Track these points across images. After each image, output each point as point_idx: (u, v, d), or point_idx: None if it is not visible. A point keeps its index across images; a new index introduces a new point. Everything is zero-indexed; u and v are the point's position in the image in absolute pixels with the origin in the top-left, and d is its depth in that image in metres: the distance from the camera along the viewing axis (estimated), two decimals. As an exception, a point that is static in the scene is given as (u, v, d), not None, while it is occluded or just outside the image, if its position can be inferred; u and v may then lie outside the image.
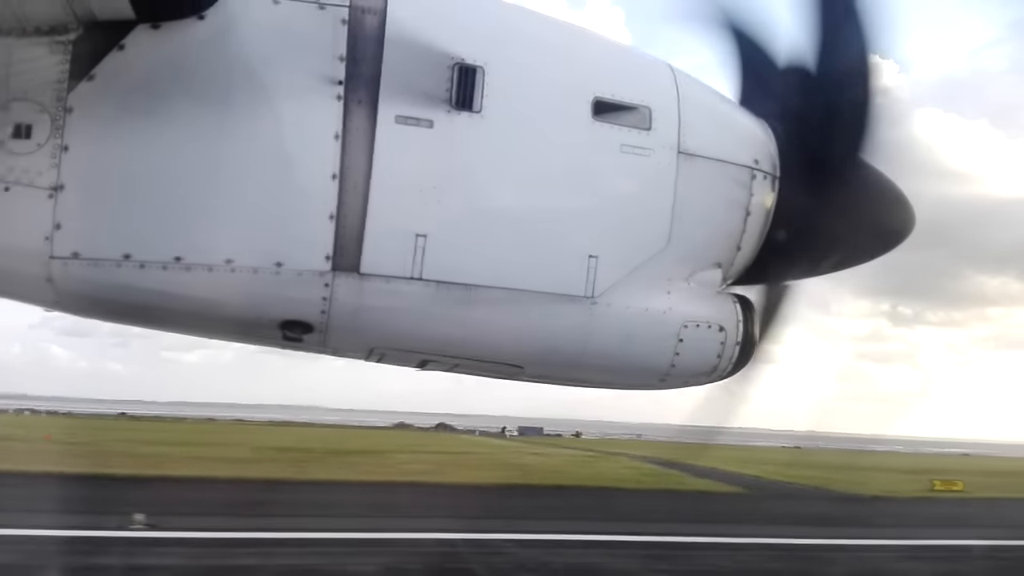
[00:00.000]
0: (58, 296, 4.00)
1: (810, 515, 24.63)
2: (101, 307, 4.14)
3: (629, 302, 4.37)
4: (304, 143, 3.94)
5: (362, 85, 3.98)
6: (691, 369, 4.63)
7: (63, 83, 3.80)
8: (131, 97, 3.85)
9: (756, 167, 4.58)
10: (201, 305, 4.02)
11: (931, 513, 27.77)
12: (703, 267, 4.58)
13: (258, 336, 4.38)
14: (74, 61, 3.80)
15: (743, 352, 4.66)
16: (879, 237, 5.15)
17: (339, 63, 3.97)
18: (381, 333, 4.30)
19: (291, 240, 3.95)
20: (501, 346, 4.41)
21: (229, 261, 3.92)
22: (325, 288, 4.01)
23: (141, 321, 4.41)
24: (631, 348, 4.50)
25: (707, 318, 4.54)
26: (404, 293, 4.06)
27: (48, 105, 3.81)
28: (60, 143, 3.80)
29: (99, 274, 3.89)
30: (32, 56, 3.79)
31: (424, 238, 4.02)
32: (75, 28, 3.78)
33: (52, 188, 3.80)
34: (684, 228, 4.41)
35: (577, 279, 4.26)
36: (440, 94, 4.05)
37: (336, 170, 3.92)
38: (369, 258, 3.99)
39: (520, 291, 4.20)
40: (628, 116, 4.33)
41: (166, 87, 3.88)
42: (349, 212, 3.94)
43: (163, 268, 3.89)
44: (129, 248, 3.87)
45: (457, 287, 4.12)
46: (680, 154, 4.39)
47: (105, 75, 3.84)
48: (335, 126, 3.93)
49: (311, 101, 3.94)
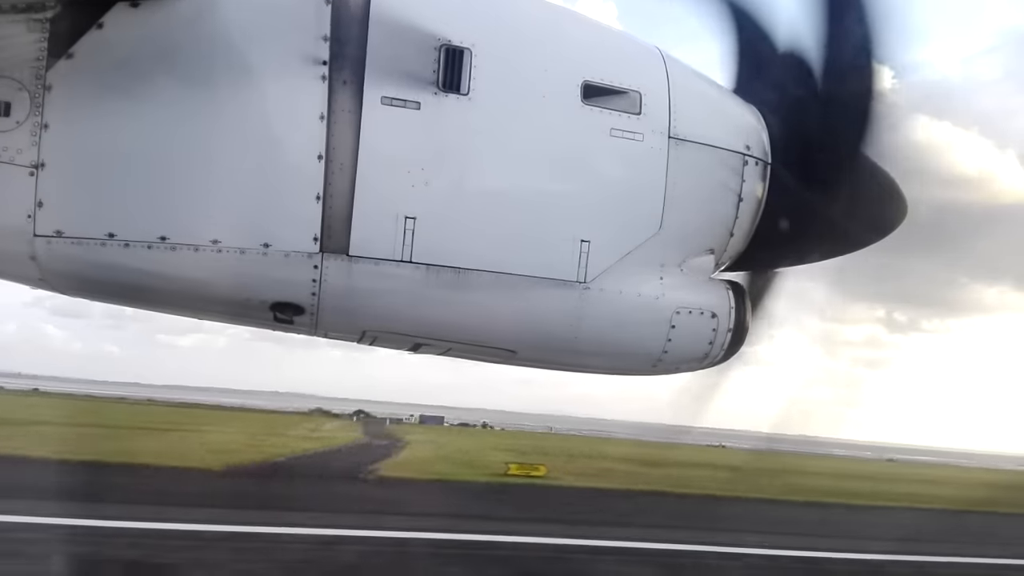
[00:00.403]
0: (42, 274, 3.97)
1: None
2: (86, 286, 4.10)
3: (622, 287, 4.33)
4: (289, 123, 3.88)
5: (347, 66, 3.93)
6: (683, 355, 4.60)
7: (41, 61, 3.74)
8: (111, 75, 3.79)
9: (748, 153, 4.56)
10: (188, 285, 3.98)
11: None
12: (695, 253, 4.54)
13: (249, 317, 4.33)
14: (52, 39, 3.74)
15: (735, 339, 4.64)
16: (871, 225, 5.13)
17: (323, 43, 3.91)
18: (372, 316, 4.26)
19: (278, 221, 3.91)
20: (493, 330, 4.37)
21: (216, 242, 3.88)
22: (314, 270, 3.97)
23: (127, 300, 4.35)
24: (623, 333, 4.46)
25: (699, 304, 4.51)
26: (394, 276, 4.02)
27: (27, 83, 3.75)
28: (40, 121, 3.75)
29: (83, 253, 3.85)
30: (9, 34, 3.72)
31: (413, 220, 3.98)
32: (52, 6, 3.71)
33: (33, 166, 3.75)
34: (676, 213, 4.38)
35: (569, 264, 4.22)
36: (427, 76, 4.00)
37: (322, 151, 3.87)
38: (358, 240, 3.95)
39: (511, 275, 4.16)
40: (618, 100, 4.29)
41: (147, 66, 3.81)
42: (336, 193, 3.89)
43: (148, 248, 3.85)
44: (113, 227, 3.83)
45: (447, 270, 4.07)
46: (671, 139, 4.35)
47: (84, 53, 3.77)
48: (320, 106, 3.88)
49: (295, 81, 3.88)
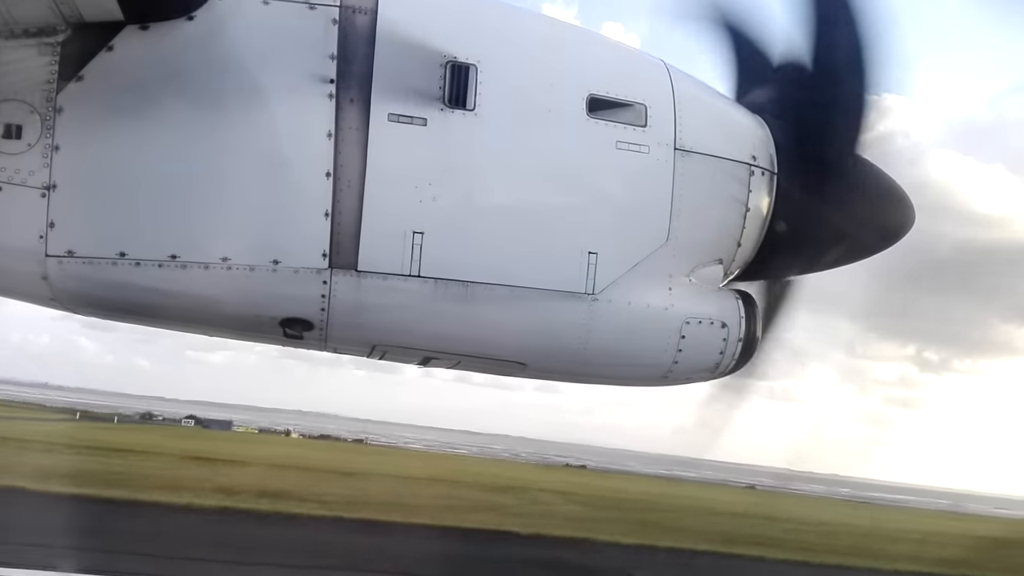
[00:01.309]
0: (53, 294, 4.01)
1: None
2: (97, 304, 4.14)
3: (630, 298, 4.33)
4: (297, 141, 3.92)
5: (354, 84, 3.97)
6: (694, 366, 4.58)
7: (52, 84, 3.79)
8: (121, 97, 3.84)
9: (754, 163, 4.57)
10: (198, 303, 4.01)
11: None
12: (704, 263, 4.54)
13: (259, 334, 4.35)
14: (63, 62, 3.80)
15: (745, 349, 4.62)
16: (879, 233, 5.12)
17: (330, 62, 3.96)
18: (381, 330, 4.27)
19: (287, 238, 3.94)
20: (502, 343, 4.38)
21: (225, 259, 3.91)
22: (323, 286, 3.99)
23: (138, 318, 4.37)
24: (633, 345, 4.46)
25: (709, 314, 4.50)
26: (402, 290, 4.04)
27: (38, 105, 3.80)
28: (51, 143, 3.79)
29: (94, 272, 3.89)
30: (20, 57, 3.78)
31: (421, 235, 4.00)
32: (63, 30, 3.78)
33: (44, 187, 3.80)
34: (683, 224, 4.38)
35: (577, 276, 4.23)
36: (433, 92, 4.04)
37: (330, 168, 3.90)
38: (366, 256, 3.97)
39: (520, 288, 4.16)
40: (623, 113, 4.32)
41: (157, 87, 3.86)
42: (344, 210, 3.92)
43: (158, 266, 3.88)
44: (124, 246, 3.87)
45: (455, 284, 4.09)
46: (677, 150, 4.37)
47: (94, 76, 3.82)
48: (328, 124, 3.92)
49: (303, 100, 3.93)
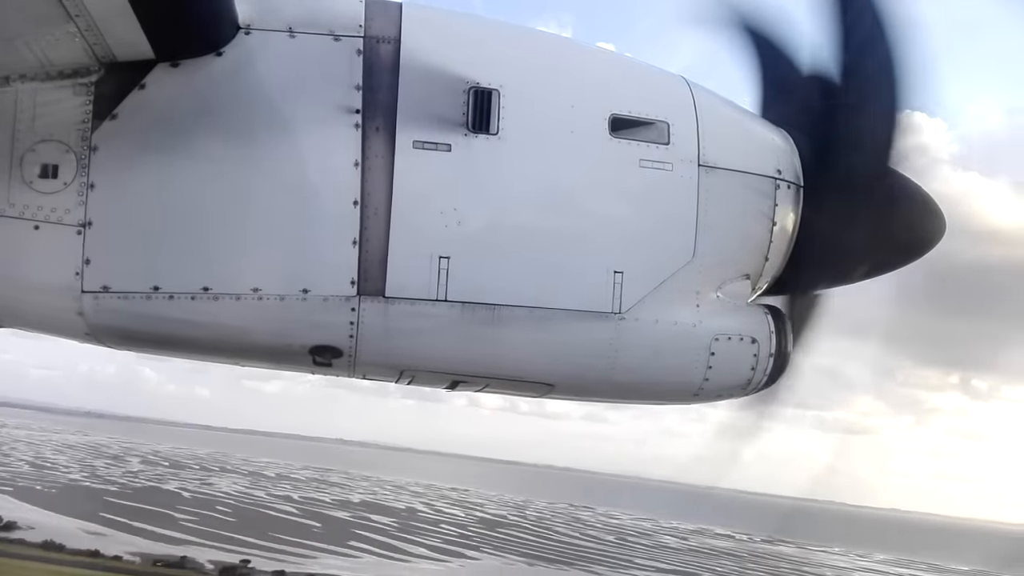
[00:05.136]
0: (89, 329, 4.10)
1: None
2: (131, 338, 4.23)
3: (658, 316, 4.32)
4: (325, 171, 3.99)
5: (379, 113, 4.04)
6: (725, 383, 4.54)
7: (87, 123, 3.91)
8: (154, 134, 3.94)
9: (779, 177, 4.54)
10: (230, 333, 4.09)
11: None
12: (731, 279, 4.51)
13: (288, 362, 4.40)
14: (97, 101, 3.91)
15: (777, 364, 4.56)
16: (908, 244, 5.04)
17: (355, 92, 4.03)
18: (409, 355, 4.30)
19: (316, 267, 4.00)
20: (530, 365, 4.38)
21: (256, 290, 3.98)
22: (352, 313, 4.04)
23: (171, 350, 4.47)
24: (662, 363, 4.43)
25: (739, 330, 4.46)
26: (430, 315, 4.07)
27: (73, 145, 3.91)
28: (86, 181, 3.90)
29: (129, 306, 3.98)
30: (56, 98, 3.91)
31: (447, 260, 4.04)
32: (96, 70, 3.90)
33: (80, 225, 3.90)
34: (709, 240, 4.37)
35: (603, 295, 4.23)
36: (457, 118, 4.09)
37: (357, 196, 3.96)
38: (394, 282, 4.01)
39: (546, 309, 4.18)
40: (646, 131, 4.33)
41: (188, 123, 3.96)
42: (372, 237, 3.97)
43: (191, 299, 3.97)
44: (158, 280, 3.95)
45: (482, 307, 4.11)
46: (701, 167, 4.37)
47: (128, 114, 3.93)
48: (354, 154, 3.98)
49: (330, 130, 4.00)
